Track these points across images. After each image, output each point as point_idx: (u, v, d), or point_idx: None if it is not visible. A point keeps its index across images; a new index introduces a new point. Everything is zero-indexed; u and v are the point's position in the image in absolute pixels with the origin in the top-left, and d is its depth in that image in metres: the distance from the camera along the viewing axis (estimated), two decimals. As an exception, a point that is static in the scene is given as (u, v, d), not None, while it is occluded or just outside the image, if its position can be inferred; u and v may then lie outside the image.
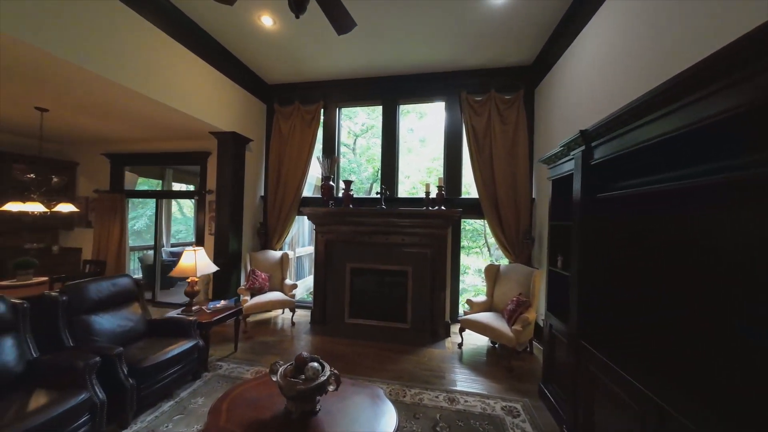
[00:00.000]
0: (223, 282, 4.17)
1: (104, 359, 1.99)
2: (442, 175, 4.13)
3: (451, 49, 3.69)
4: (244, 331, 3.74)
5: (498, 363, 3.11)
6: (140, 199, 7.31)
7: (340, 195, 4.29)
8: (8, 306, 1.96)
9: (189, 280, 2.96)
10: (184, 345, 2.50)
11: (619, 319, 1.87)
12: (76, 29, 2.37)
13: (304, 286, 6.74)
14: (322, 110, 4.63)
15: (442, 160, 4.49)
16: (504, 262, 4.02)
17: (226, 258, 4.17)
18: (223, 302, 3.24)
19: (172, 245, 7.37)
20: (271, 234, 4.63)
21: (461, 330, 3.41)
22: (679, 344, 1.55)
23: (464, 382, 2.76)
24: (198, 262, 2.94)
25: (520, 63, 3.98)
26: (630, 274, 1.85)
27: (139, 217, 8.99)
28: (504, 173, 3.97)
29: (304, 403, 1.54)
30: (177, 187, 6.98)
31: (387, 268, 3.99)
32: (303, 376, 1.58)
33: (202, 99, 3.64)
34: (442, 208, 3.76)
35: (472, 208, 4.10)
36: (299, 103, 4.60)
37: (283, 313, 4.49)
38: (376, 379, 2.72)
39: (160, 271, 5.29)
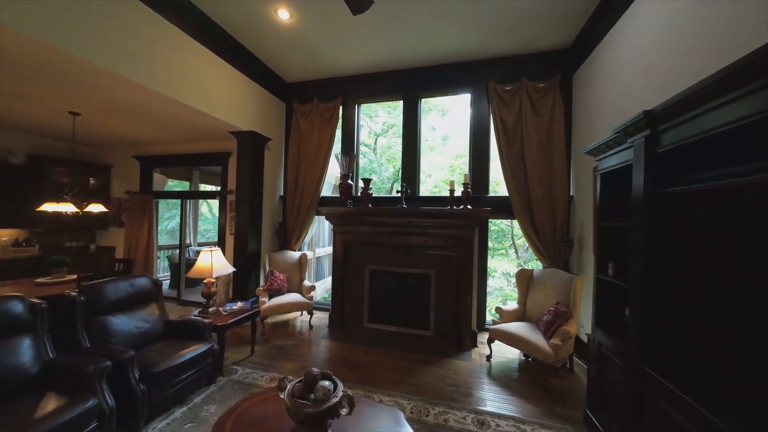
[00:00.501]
0: (243, 282, 4.15)
1: (116, 363, 1.93)
2: (467, 172, 3.82)
3: (479, 35, 3.40)
4: (262, 333, 3.67)
5: (533, 380, 2.78)
6: (175, 200, 7.63)
7: (359, 194, 4.12)
8: (27, 306, 1.95)
9: (206, 281, 2.91)
10: (198, 349, 2.43)
11: (686, 336, 1.53)
12: (99, 30, 2.37)
13: (324, 287, 6.67)
14: (341, 107, 4.49)
15: (467, 157, 4.19)
16: (533, 265, 3.65)
17: (246, 258, 4.14)
18: (239, 304, 3.17)
19: (199, 244, 7.60)
20: (289, 234, 4.56)
21: (490, 341, 3.11)
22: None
23: (495, 401, 2.47)
24: (214, 263, 2.88)
25: (555, 47, 3.60)
26: (696, 283, 1.50)
27: (173, 216, 9.38)
28: (537, 168, 3.60)
29: (313, 428, 1.36)
30: (204, 188, 7.18)
31: (408, 271, 3.76)
32: (312, 396, 1.40)
33: (222, 98, 3.61)
34: (468, 207, 3.47)
35: (501, 208, 3.76)
36: (318, 101, 4.49)
37: (301, 315, 4.40)
38: (395, 394, 2.51)
39: (185, 269, 5.40)
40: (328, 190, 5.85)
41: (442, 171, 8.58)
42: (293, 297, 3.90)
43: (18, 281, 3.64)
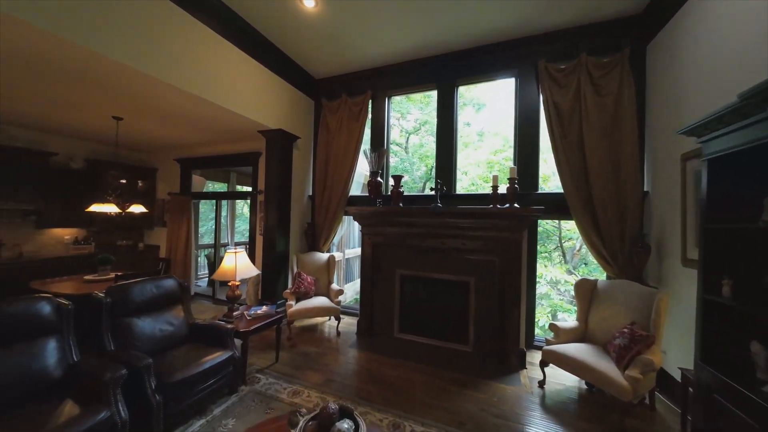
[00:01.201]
0: (271, 283, 4.06)
1: (133, 370, 1.84)
2: (511, 166, 3.33)
3: (526, 7, 2.93)
4: (288, 338, 3.52)
5: (601, 418, 2.26)
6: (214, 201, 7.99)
7: (389, 193, 3.82)
8: (54, 307, 1.93)
9: (230, 284, 2.81)
10: (220, 357, 2.29)
11: None
12: (130, 30, 2.37)
13: (354, 289, 6.48)
14: (370, 101, 4.23)
15: (508, 152, 3.70)
16: (583, 272, 3.06)
17: (274, 259, 4.05)
18: (265, 308, 3.03)
19: (236, 244, 7.85)
20: (318, 235, 4.41)
21: (543, 363, 2.63)
22: None
23: (553, 443, 2.02)
24: (238, 265, 2.76)
25: (622, 14, 3.00)
26: None
27: (220, 217, 9.86)
28: (600, 159, 3.03)
29: (327, 482, 1.08)
30: (240, 189, 7.39)
31: (443, 277, 3.37)
32: (327, 439, 1.12)
33: (251, 97, 3.55)
34: (515, 206, 3.00)
35: (554, 206, 3.22)
36: (346, 96, 4.28)
37: (329, 319, 4.21)
38: (430, 423, 2.16)
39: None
40: (357, 189, 5.64)
41: (479, 168, 7.97)
42: (320, 301, 3.71)
43: (72, 277, 3.89)
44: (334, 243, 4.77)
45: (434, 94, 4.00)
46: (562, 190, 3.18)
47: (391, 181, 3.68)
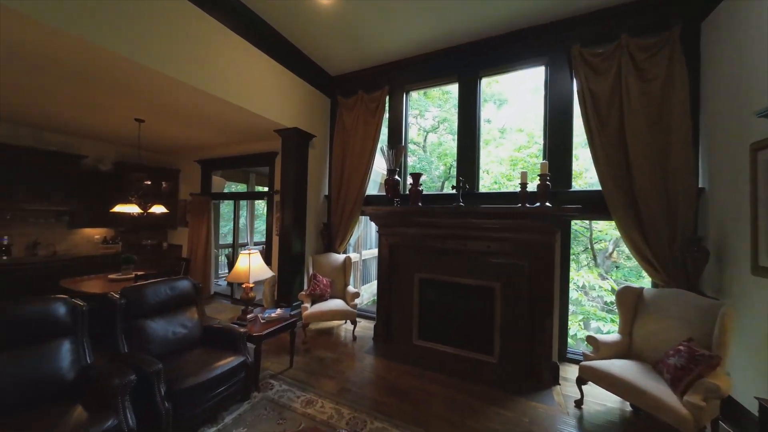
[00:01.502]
0: (287, 285, 4.00)
1: (142, 376, 1.78)
2: (543, 161, 3.05)
3: (559, -16, 2.66)
4: (304, 341, 3.43)
5: (652, 447, 1.97)
6: (241, 201, 8.16)
7: (408, 192, 3.64)
8: (69, 308, 1.91)
9: (243, 286, 2.74)
10: (232, 362, 2.22)
11: None
12: (150, 32, 2.38)
13: (371, 291, 6.35)
14: (388, 96, 4.08)
15: (533, 148, 3.43)
16: (617, 276, 2.73)
17: (290, 260, 3.98)
18: (279, 311, 2.95)
19: (255, 243, 7.95)
20: (334, 235, 4.30)
21: (581, 381, 2.36)
22: None
23: (597, 475, 1.77)
24: (252, 266, 2.69)
25: (672, -13, 2.66)
26: None
27: (239, 217, 10.10)
28: (644, 151, 2.70)
29: None
30: (259, 190, 7.48)
31: (466, 281, 3.14)
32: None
33: (266, 95, 3.50)
34: (547, 204, 2.74)
35: (590, 205, 2.90)
36: (363, 93, 4.15)
37: (345, 322, 4.09)
38: (453, 444, 1.96)
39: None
40: (374, 188, 5.51)
41: (502, 165, 7.61)
42: (336, 304, 3.60)
43: (99, 276, 4.00)
44: (350, 244, 4.66)
45: (454, 89, 3.78)
46: (596, 188, 2.87)
47: (410, 180, 3.50)
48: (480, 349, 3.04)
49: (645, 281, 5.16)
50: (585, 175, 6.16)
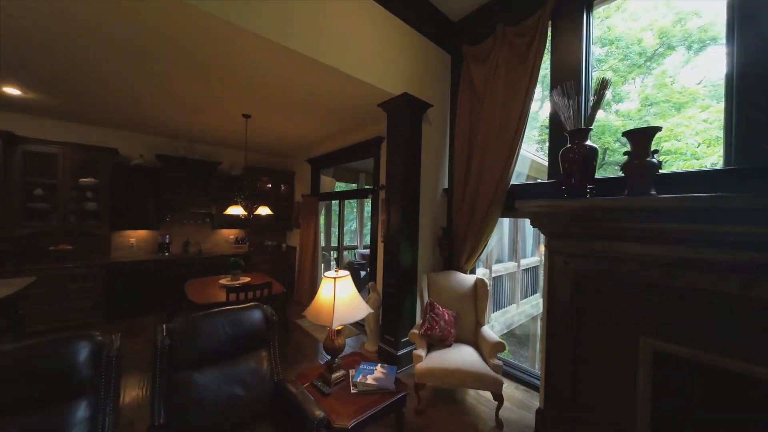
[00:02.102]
0: (394, 311, 2.94)
1: None
2: None
3: None
4: (417, 410, 2.24)
5: None
6: (355, 201, 8.04)
7: (622, 170, 1.90)
8: (90, 353, 1.31)
9: (328, 329, 1.77)
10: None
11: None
12: None
13: (504, 321, 4.66)
14: (550, 22, 2.45)
15: None
16: None
17: (398, 277, 2.91)
18: (380, 369, 1.86)
19: (364, 246, 7.47)
20: (458, 246, 2.98)
21: None
22: None
23: None
24: (338, 300, 1.68)
25: None
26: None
27: (344, 218, 10.16)
28: None
29: None
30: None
31: (756, 371, 1.22)
32: None
33: (369, 55, 2.56)
34: None
35: None
36: (504, 26, 2.67)
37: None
38: None
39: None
40: (518, 177, 3.84)
41: None
42: (467, 358, 2.25)
43: (213, 277, 3.98)
44: (480, 259, 3.22)
45: None
46: None
47: (618, 145, 1.79)
48: None
49: None
50: None
